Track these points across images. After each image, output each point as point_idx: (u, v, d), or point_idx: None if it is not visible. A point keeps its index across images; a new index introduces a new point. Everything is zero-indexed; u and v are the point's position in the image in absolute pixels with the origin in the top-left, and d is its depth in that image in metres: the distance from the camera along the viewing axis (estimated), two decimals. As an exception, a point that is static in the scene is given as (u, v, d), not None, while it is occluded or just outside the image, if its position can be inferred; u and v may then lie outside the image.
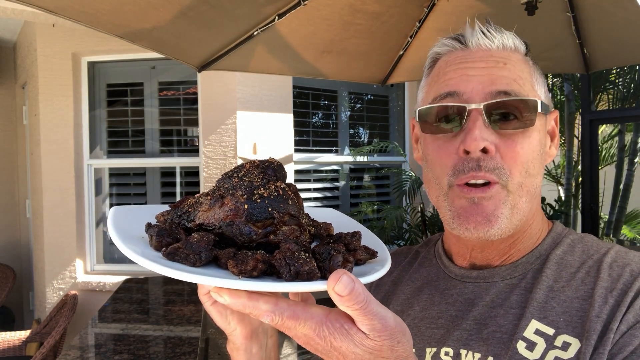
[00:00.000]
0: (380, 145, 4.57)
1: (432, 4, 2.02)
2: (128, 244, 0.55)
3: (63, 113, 4.28)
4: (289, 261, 0.50)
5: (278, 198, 0.58)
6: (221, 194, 0.60)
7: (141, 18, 1.56)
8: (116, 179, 4.51)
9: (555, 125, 0.82)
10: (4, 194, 5.41)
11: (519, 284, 0.75)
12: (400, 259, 0.96)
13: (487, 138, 0.70)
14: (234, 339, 0.66)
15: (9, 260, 5.13)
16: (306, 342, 0.52)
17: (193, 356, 2.27)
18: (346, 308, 0.48)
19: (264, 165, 0.62)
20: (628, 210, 5.48)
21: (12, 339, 3.68)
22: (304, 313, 0.50)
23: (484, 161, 0.70)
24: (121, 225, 0.60)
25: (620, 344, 0.64)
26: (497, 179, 0.70)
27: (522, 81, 0.73)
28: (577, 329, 0.67)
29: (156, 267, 0.50)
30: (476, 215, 0.71)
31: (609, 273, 0.70)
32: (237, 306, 0.50)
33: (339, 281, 0.47)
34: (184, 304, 3.23)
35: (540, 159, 0.74)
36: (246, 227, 0.56)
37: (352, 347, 0.50)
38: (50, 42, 4.28)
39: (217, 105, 4.07)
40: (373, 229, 4.46)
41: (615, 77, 5.49)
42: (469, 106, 0.70)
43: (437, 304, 0.82)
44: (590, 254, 0.75)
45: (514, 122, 0.71)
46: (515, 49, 0.76)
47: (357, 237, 0.62)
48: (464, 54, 0.75)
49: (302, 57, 2.18)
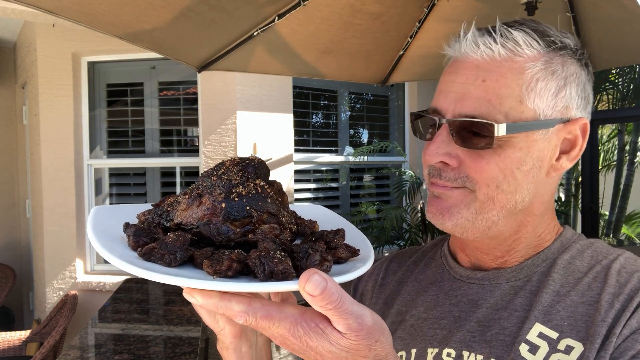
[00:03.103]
0: (380, 145, 4.57)
1: (432, 4, 2.02)
2: (104, 243, 0.53)
3: (63, 113, 4.28)
4: (263, 261, 0.49)
5: (256, 196, 0.57)
6: (199, 193, 0.59)
7: (141, 19, 1.56)
8: (116, 179, 4.51)
9: (581, 135, 0.73)
10: (4, 194, 5.41)
11: (524, 287, 0.75)
12: (405, 259, 0.96)
13: (450, 152, 0.71)
14: (222, 338, 0.65)
15: (9, 260, 5.13)
16: (283, 342, 0.51)
17: (193, 356, 2.27)
18: (320, 308, 0.47)
19: (244, 163, 0.61)
20: (628, 210, 5.48)
21: (12, 339, 3.68)
22: (278, 313, 0.49)
23: (444, 172, 0.72)
24: (101, 225, 0.59)
25: (622, 348, 0.63)
26: (462, 185, 0.72)
27: (501, 99, 0.68)
28: (581, 333, 0.67)
29: (128, 267, 0.49)
30: (433, 207, 0.75)
31: (617, 279, 0.70)
32: (210, 306, 0.49)
33: (309, 281, 0.46)
34: (184, 304, 3.22)
35: (522, 176, 0.71)
36: (224, 226, 0.55)
37: (328, 347, 0.49)
38: (50, 42, 4.28)
39: (217, 105, 4.07)
40: (373, 229, 4.46)
41: (615, 77, 5.49)
42: (439, 120, 0.72)
43: (441, 304, 0.82)
44: (599, 259, 0.75)
45: (474, 139, 0.70)
46: (512, 56, 0.70)
47: (340, 234, 0.61)
48: (456, 63, 0.74)
49: (302, 58, 2.18)
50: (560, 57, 0.72)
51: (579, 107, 0.73)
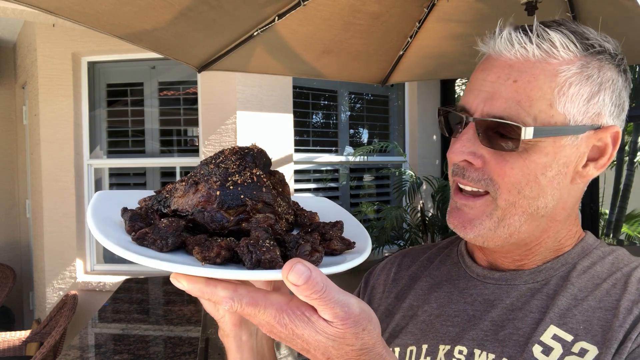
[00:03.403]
0: (380, 145, 4.57)
1: (432, 4, 2.02)
2: (99, 226, 0.54)
3: (63, 113, 4.28)
4: (251, 249, 0.50)
5: (252, 185, 0.57)
6: (196, 180, 0.59)
7: (141, 19, 1.56)
8: (116, 179, 4.51)
9: (612, 143, 0.72)
10: (4, 194, 5.41)
11: (542, 289, 0.75)
12: (419, 255, 0.96)
13: (476, 151, 0.70)
14: (223, 326, 0.66)
15: (9, 260, 5.13)
16: (270, 331, 0.51)
17: (193, 356, 2.27)
18: (305, 298, 0.47)
19: (243, 152, 0.61)
20: (628, 210, 5.48)
21: (12, 339, 3.68)
22: (263, 300, 0.49)
23: (467, 171, 0.72)
24: (102, 209, 0.59)
25: (636, 354, 0.63)
26: (486, 189, 0.71)
27: (532, 101, 0.67)
28: (597, 337, 0.66)
29: (119, 250, 0.49)
30: (453, 219, 0.76)
31: (637, 287, 0.70)
32: (195, 292, 0.49)
33: (292, 270, 0.45)
34: (184, 304, 3.23)
35: (546, 182, 0.70)
36: (218, 214, 0.56)
37: (314, 335, 0.49)
38: (50, 42, 4.28)
39: (217, 105, 4.07)
40: (373, 229, 4.46)
41: (615, 77, 5.48)
42: (467, 118, 0.71)
43: (455, 302, 0.81)
44: (619, 266, 0.74)
45: (500, 141, 0.69)
46: (546, 58, 0.68)
47: (337, 227, 0.61)
48: (490, 60, 0.73)
49: (302, 58, 2.18)
50: (597, 61, 0.70)
51: (611, 115, 0.71)
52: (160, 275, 3.98)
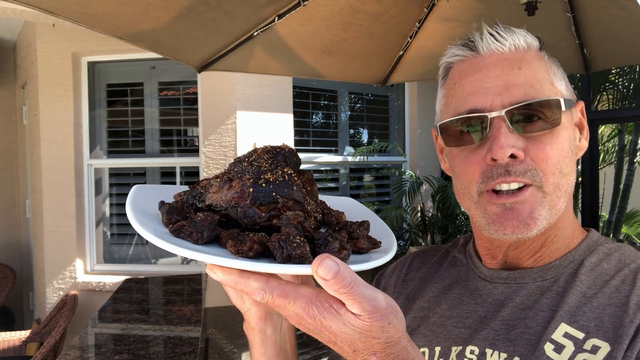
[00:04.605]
0: (380, 145, 4.57)
1: (432, 4, 2.02)
2: (138, 217, 0.56)
3: (63, 113, 4.29)
4: (282, 244, 0.52)
5: (283, 183, 0.59)
6: (230, 177, 0.62)
7: (141, 19, 1.56)
8: (116, 179, 4.51)
9: (582, 116, 0.80)
10: (4, 194, 5.41)
11: (551, 287, 0.75)
12: (429, 257, 0.96)
13: (514, 144, 0.70)
14: (249, 319, 0.68)
15: (9, 260, 5.13)
16: (298, 322, 0.52)
17: (193, 356, 2.27)
18: (333, 292, 0.49)
19: (275, 151, 0.63)
20: (628, 210, 5.48)
21: (12, 339, 3.68)
22: (293, 292, 0.51)
23: (512, 166, 0.71)
24: (139, 201, 0.62)
25: None
26: (530, 181, 0.71)
27: (540, 82, 0.72)
28: (608, 334, 0.67)
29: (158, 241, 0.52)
30: (512, 220, 0.72)
31: None
32: (229, 282, 0.51)
33: (321, 264, 0.47)
34: (184, 304, 3.23)
35: (571, 156, 0.74)
36: (250, 210, 0.58)
37: (342, 327, 0.50)
38: (50, 42, 4.28)
39: (217, 105, 4.08)
40: (373, 229, 4.46)
41: (615, 77, 5.49)
42: (490, 114, 0.71)
43: (466, 303, 0.82)
44: (626, 262, 0.75)
45: (538, 123, 0.70)
46: (529, 47, 0.75)
47: (364, 226, 0.62)
48: (476, 61, 0.75)
49: (302, 58, 2.18)
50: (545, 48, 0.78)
51: (572, 93, 0.79)
52: (160, 275, 3.98)
